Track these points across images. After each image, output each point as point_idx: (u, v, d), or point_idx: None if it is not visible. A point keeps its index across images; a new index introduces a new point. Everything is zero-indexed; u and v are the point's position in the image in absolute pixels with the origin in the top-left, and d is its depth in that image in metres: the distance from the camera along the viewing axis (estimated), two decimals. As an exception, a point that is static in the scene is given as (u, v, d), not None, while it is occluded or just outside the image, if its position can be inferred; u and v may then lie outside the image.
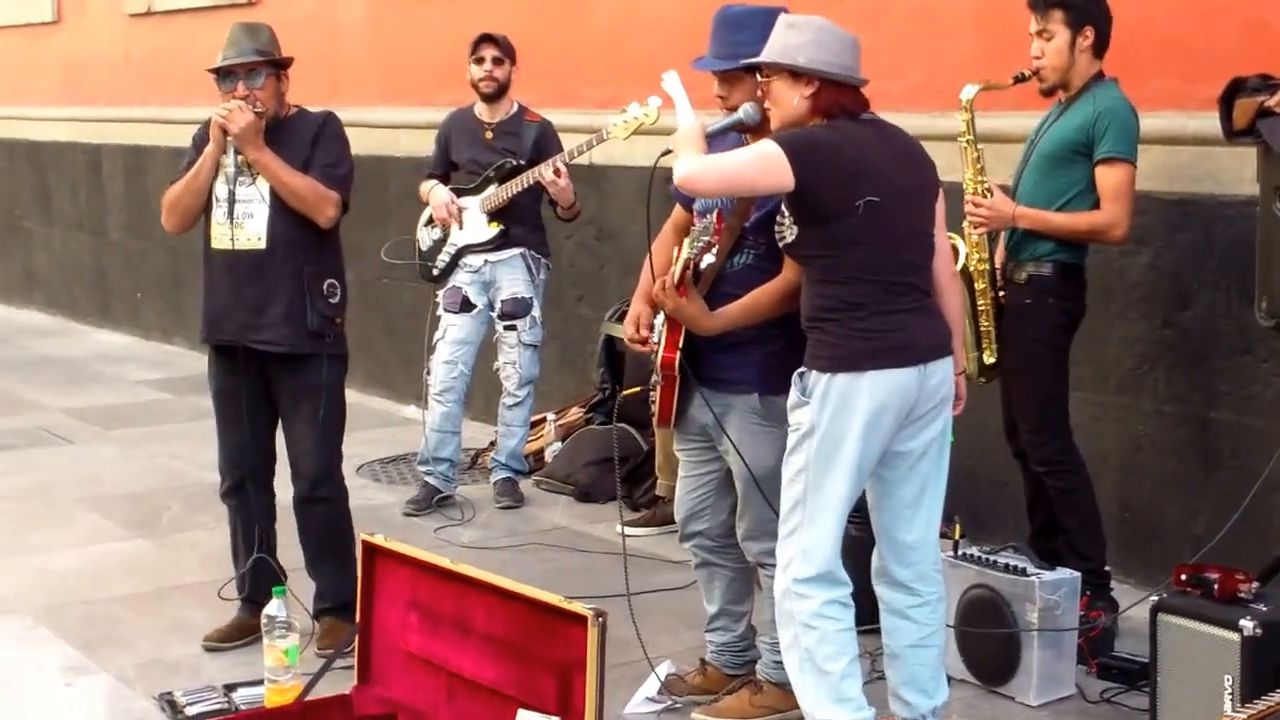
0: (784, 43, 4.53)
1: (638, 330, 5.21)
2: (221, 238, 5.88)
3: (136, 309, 13.70)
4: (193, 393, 10.98)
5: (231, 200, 5.83)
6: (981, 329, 5.84)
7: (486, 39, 7.89)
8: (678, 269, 4.94)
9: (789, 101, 4.54)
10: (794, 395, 4.55)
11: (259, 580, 5.96)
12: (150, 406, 10.89)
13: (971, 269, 5.78)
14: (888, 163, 4.49)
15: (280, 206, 5.82)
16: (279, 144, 5.84)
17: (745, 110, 4.91)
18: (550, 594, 4.47)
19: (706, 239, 4.90)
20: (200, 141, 5.98)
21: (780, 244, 4.57)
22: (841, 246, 4.44)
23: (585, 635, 4.23)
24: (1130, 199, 5.66)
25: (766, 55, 4.56)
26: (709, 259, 4.91)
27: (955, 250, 5.60)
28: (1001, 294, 5.84)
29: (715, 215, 4.93)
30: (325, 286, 5.91)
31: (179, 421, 10.23)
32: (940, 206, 4.69)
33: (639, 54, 8.55)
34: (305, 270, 5.87)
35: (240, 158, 5.82)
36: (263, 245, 5.83)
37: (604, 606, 4.25)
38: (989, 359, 5.87)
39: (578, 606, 4.31)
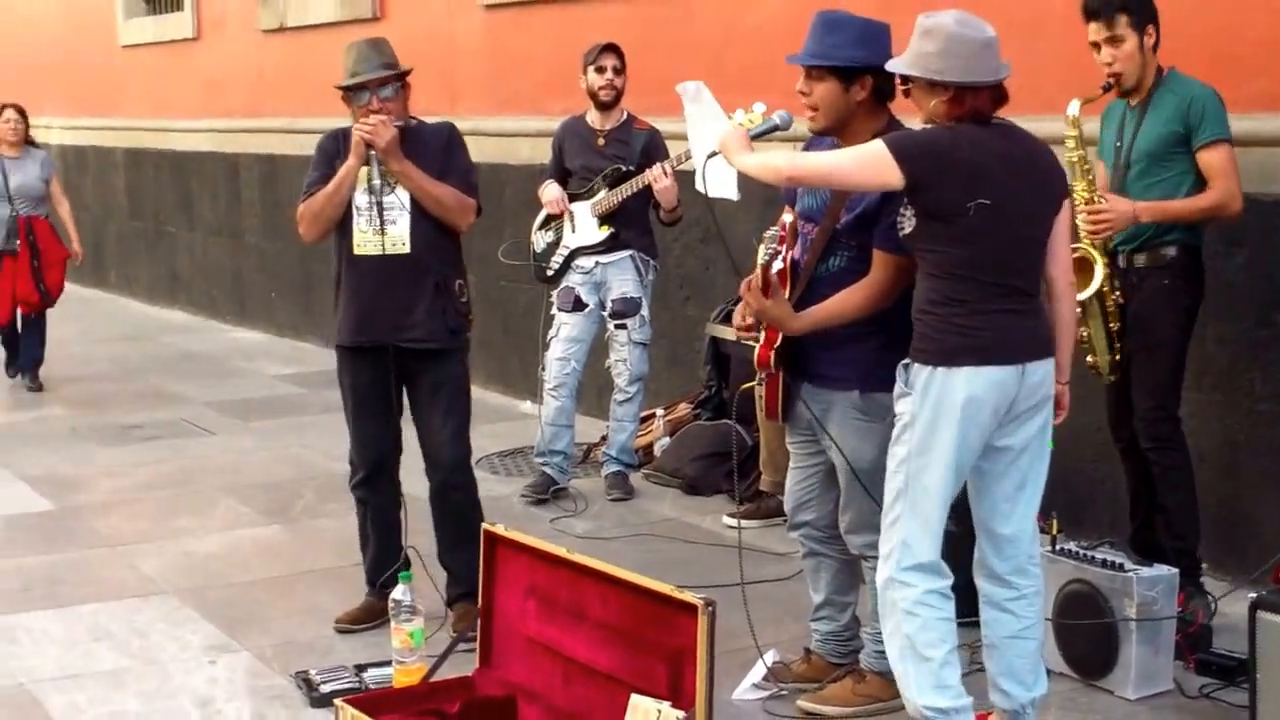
0: (919, 51, 4.46)
1: (744, 319, 5.16)
2: (366, 244, 5.88)
3: (271, 308, 13.79)
4: (323, 387, 11.02)
5: (377, 209, 5.84)
6: (1111, 329, 5.74)
7: (609, 48, 7.87)
8: (758, 273, 4.90)
9: (928, 104, 4.48)
10: (898, 386, 4.50)
11: (386, 567, 5.96)
12: (284, 400, 10.96)
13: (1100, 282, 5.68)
14: (1007, 168, 4.41)
15: (420, 213, 5.82)
16: (411, 154, 5.83)
17: (780, 115, 4.96)
18: (662, 583, 4.44)
19: (774, 245, 4.89)
20: (328, 150, 5.98)
21: (900, 233, 4.51)
22: (950, 244, 4.38)
23: (695, 624, 4.20)
24: (1238, 173, 5.58)
25: (904, 63, 4.50)
26: (778, 264, 4.89)
27: (1091, 269, 5.54)
28: (1119, 294, 5.73)
29: (781, 224, 4.90)
30: (457, 286, 5.95)
31: (311, 414, 10.28)
32: (1064, 216, 4.60)
33: (740, 62, 8.50)
34: (441, 272, 5.89)
35: (383, 169, 5.83)
36: (407, 250, 5.84)
37: (711, 596, 4.21)
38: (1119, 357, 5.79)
39: (688, 595, 4.27)
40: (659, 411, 8.71)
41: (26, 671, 5.74)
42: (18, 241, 11.05)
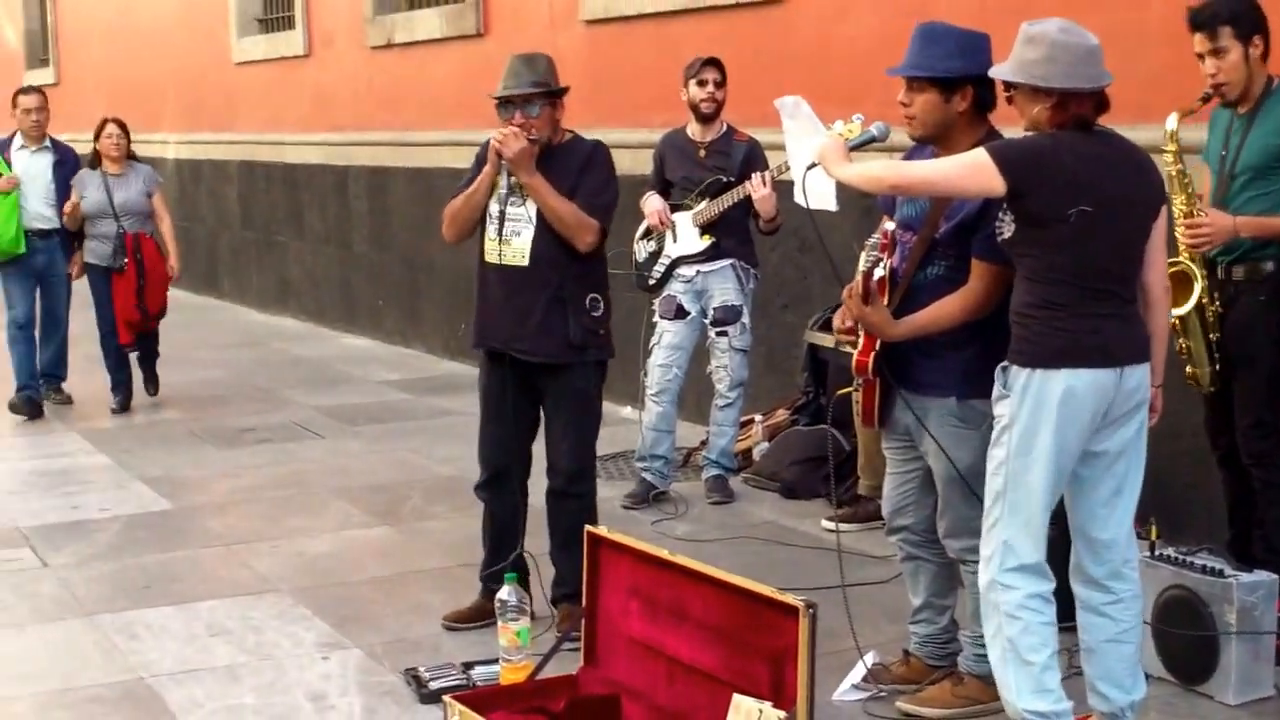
0: (1022, 58, 4.43)
1: (843, 321, 5.13)
2: (492, 252, 5.91)
3: (378, 316, 13.87)
4: (429, 393, 11.12)
5: (502, 219, 5.86)
6: (1211, 339, 5.64)
7: (710, 62, 7.86)
8: (858, 280, 4.87)
9: (1030, 111, 4.45)
10: (997, 389, 4.47)
11: (498, 564, 5.97)
12: (391, 405, 10.99)
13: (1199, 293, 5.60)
14: (1108, 174, 4.37)
15: (545, 227, 5.81)
16: (550, 169, 5.82)
17: (877, 126, 4.93)
18: (763, 585, 4.42)
19: (876, 253, 4.86)
20: (482, 157, 5.99)
21: (998, 238, 4.48)
22: (1051, 249, 4.34)
23: (797, 625, 4.18)
24: None
25: (1007, 69, 4.47)
26: (880, 272, 4.86)
27: (1190, 284, 5.46)
28: (1218, 305, 5.64)
29: (882, 233, 4.87)
30: (588, 301, 5.90)
31: (417, 419, 10.33)
32: (1161, 223, 4.55)
33: (838, 73, 8.47)
34: (567, 286, 5.84)
35: (513, 180, 5.85)
36: (525, 262, 5.83)
37: (810, 598, 4.19)
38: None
39: (789, 597, 4.25)
40: (758, 417, 8.68)
41: (146, 666, 5.80)
42: (125, 259, 10.61)
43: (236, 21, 16.46)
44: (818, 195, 4.97)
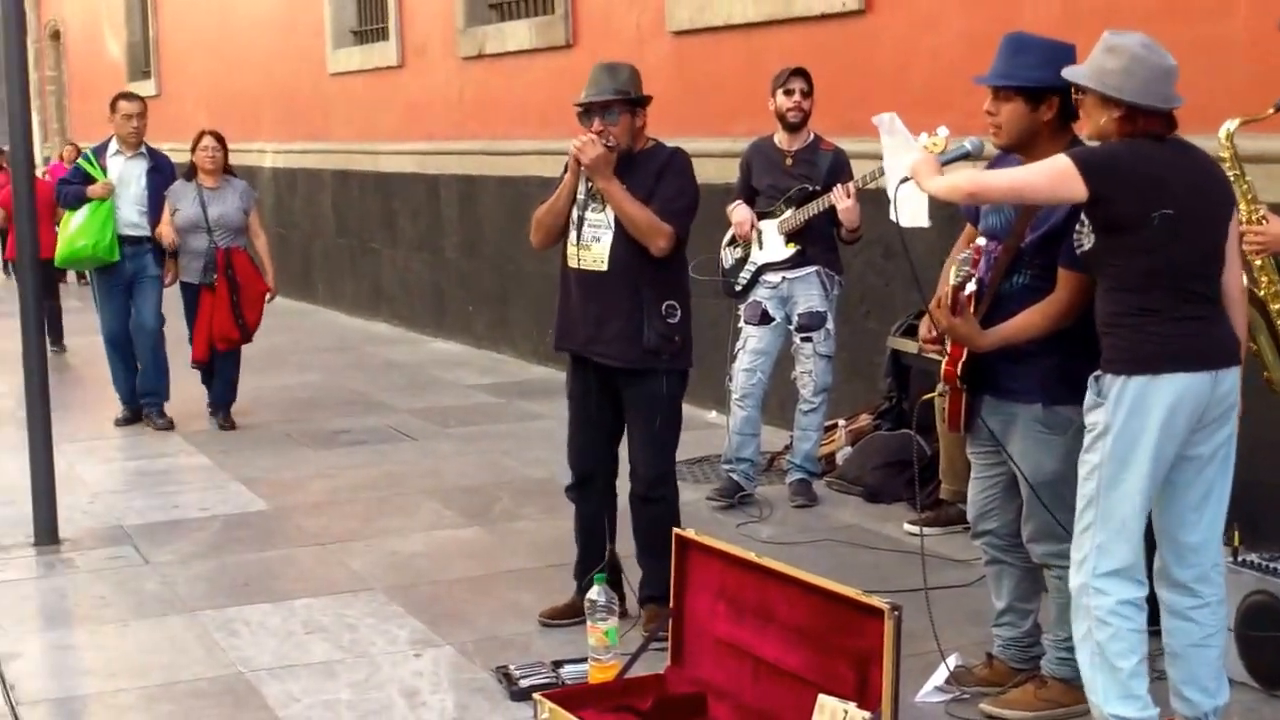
0: (1100, 65, 4.40)
1: (929, 331, 5.12)
2: (572, 257, 5.94)
3: (468, 321, 13.94)
4: (518, 397, 11.17)
5: (581, 224, 5.89)
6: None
7: (797, 72, 7.85)
8: (948, 292, 4.85)
9: (1099, 119, 4.43)
10: (1089, 397, 4.43)
11: (589, 568, 5.96)
12: (482, 408, 11.04)
13: (1263, 294, 5.53)
14: (1184, 179, 4.34)
15: (623, 233, 5.82)
16: (630, 175, 5.83)
17: (971, 141, 4.88)
18: (848, 587, 4.42)
19: (967, 269, 4.83)
20: (566, 163, 6.01)
21: (1078, 250, 4.46)
22: (1137, 255, 4.31)
23: (881, 627, 4.18)
24: None
25: (1083, 73, 4.45)
26: (970, 286, 4.83)
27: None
28: None
29: (974, 249, 4.85)
30: (664, 307, 5.86)
31: (507, 422, 10.37)
32: (1234, 226, 4.52)
33: (922, 84, 8.44)
34: (644, 292, 5.83)
35: (592, 186, 5.87)
36: (604, 267, 5.85)
37: (893, 600, 4.18)
38: None
39: (875, 600, 4.25)
40: (841, 421, 8.66)
41: (245, 661, 5.86)
42: (216, 275, 10.17)
43: (332, 33, 16.58)
44: (910, 213, 4.97)
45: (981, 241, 4.89)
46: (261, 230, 10.65)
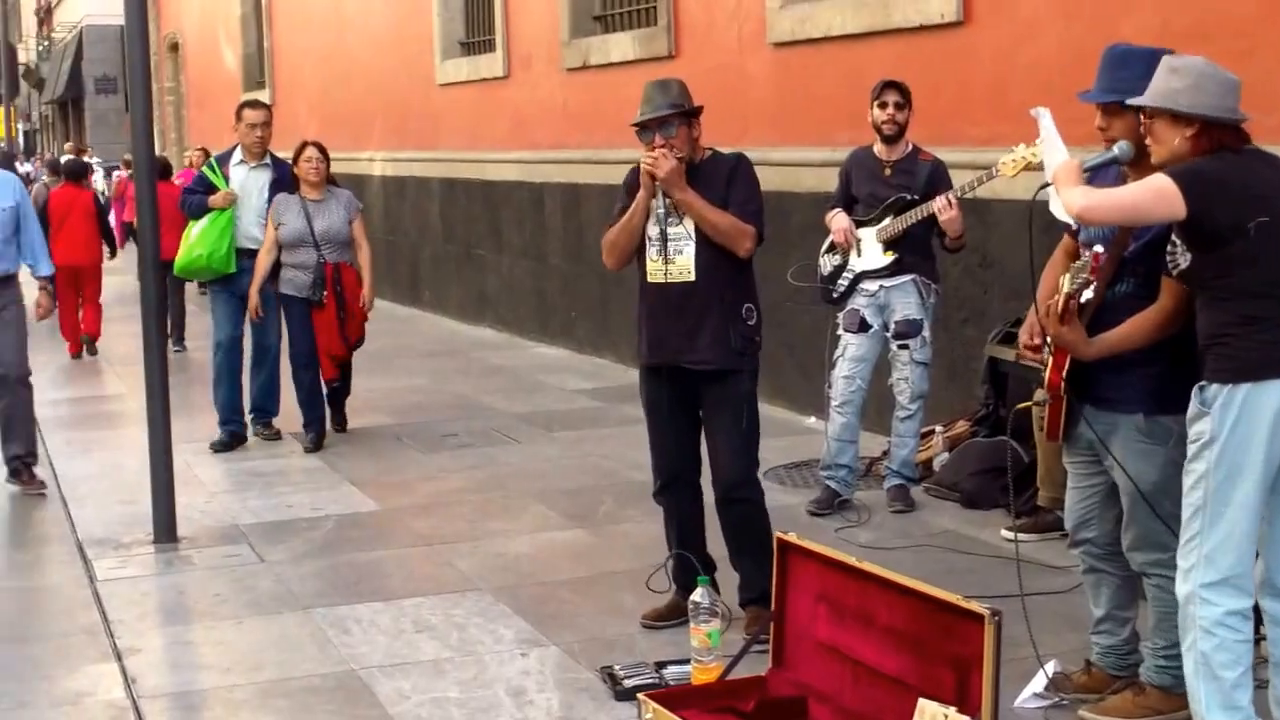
0: (1166, 86, 4.38)
1: (1030, 339, 5.09)
2: (656, 272, 5.94)
3: (571, 326, 13.98)
4: (621, 401, 11.16)
5: (663, 238, 5.89)
6: None
7: (890, 85, 7.82)
8: (1060, 300, 4.80)
9: (1170, 140, 4.39)
10: (1194, 407, 4.38)
11: (687, 569, 5.99)
12: (585, 412, 11.08)
13: None
14: (1273, 186, 4.30)
15: (704, 242, 5.85)
16: (698, 184, 5.86)
17: (1120, 147, 4.77)
18: (948, 592, 4.40)
19: (1085, 275, 4.78)
20: (630, 184, 6.05)
21: (1173, 270, 4.42)
22: (1236, 266, 4.27)
23: (981, 632, 4.16)
24: None
25: (1149, 97, 4.41)
26: (1088, 294, 4.77)
27: None
28: None
29: (1092, 255, 4.79)
30: (744, 310, 5.93)
31: (609, 426, 10.39)
32: None
33: (1020, 96, 8.34)
34: (727, 297, 5.88)
35: (668, 200, 5.89)
36: (692, 277, 5.87)
37: (992, 606, 4.16)
38: None
39: (975, 605, 4.23)
40: (938, 428, 8.61)
41: (357, 659, 5.92)
42: (325, 291, 9.72)
43: (440, 45, 16.70)
44: (1058, 207, 4.92)
45: (1099, 249, 4.83)
46: (365, 241, 10.12)
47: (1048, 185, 4.71)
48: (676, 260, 5.89)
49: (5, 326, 8.78)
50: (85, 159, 18.11)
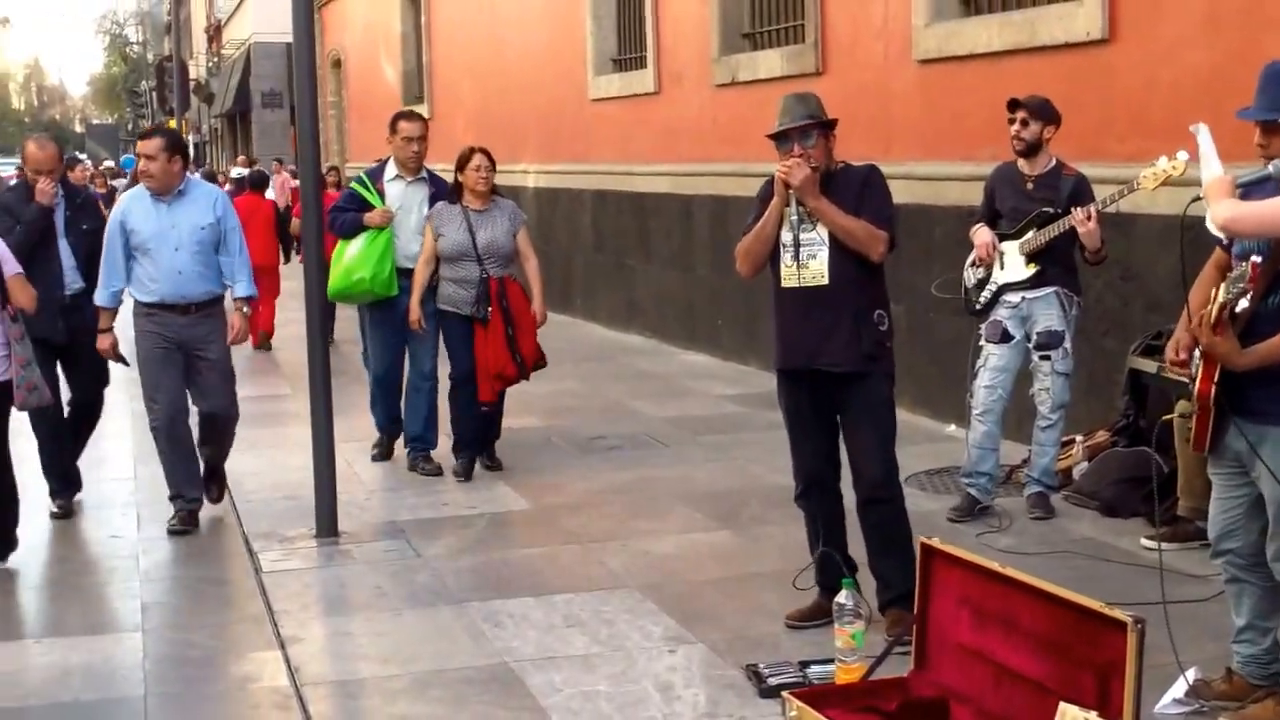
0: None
1: (1177, 354, 5.01)
2: (790, 278, 5.95)
3: (717, 334, 13.99)
4: (765, 407, 11.11)
5: (797, 245, 5.89)
6: None
7: (1013, 103, 7.77)
8: (1214, 309, 4.72)
9: None
10: None
11: (829, 571, 5.97)
12: (730, 418, 11.07)
13: None
14: None
15: (838, 247, 5.85)
16: (830, 194, 5.87)
17: (1275, 165, 4.68)
18: (1091, 599, 4.34)
19: (1242, 285, 4.68)
20: (764, 196, 6.06)
21: None
22: None
23: (1124, 639, 4.10)
24: None
25: (1263, 105, 4.33)
26: (1244, 304, 4.68)
27: None
28: None
29: (1250, 265, 4.70)
30: (875, 316, 5.92)
31: (754, 431, 10.36)
32: None
33: (1163, 112, 8.25)
34: (859, 302, 5.88)
35: (802, 207, 5.88)
36: (825, 282, 5.88)
37: (1132, 613, 4.10)
38: None
39: (1118, 612, 4.17)
40: (1078, 437, 8.50)
41: (510, 651, 5.97)
42: (489, 308, 8.91)
43: (594, 61, 16.80)
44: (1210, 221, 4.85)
45: (1257, 259, 4.75)
46: (533, 253, 9.34)
47: (1198, 199, 4.63)
48: (810, 265, 5.89)
49: (210, 364, 8.10)
50: (261, 170, 19.11)
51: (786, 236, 5.94)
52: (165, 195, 7.93)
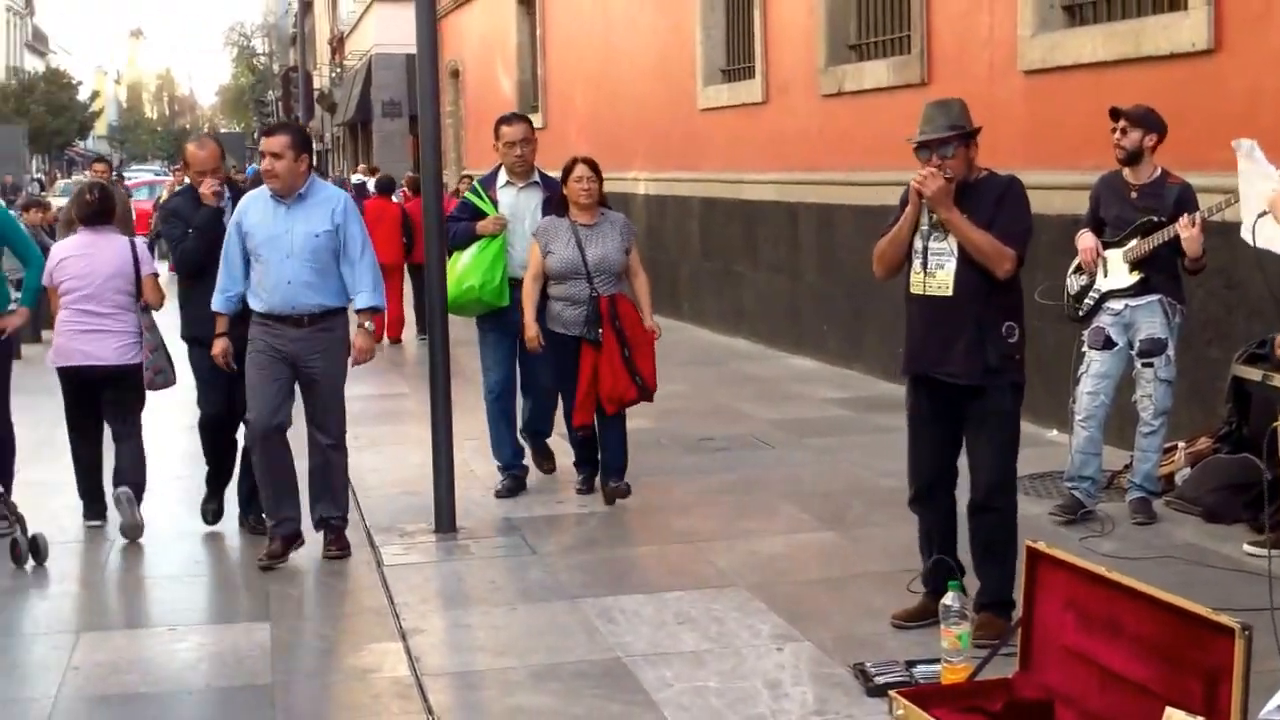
0: None
1: None
2: (917, 285, 5.92)
3: (823, 339, 13.93)
4: (869, 411, 11.11)
5: (926, 253, 5.86)
6: None
7: (1116, 111, 7.69)
8: None
9: None
10: None
11: (939, 574, 5.91)
12: (835, 421, 11.02)
13: None
14: None
15: (966, 259, 5.80)
16: (967, 204, 5.81)
17: None
18: (1197, 604, 4.28)
19: None
20: (904, 200, 6.03)
21: None
22: None
23: (1231, 645, 4.03)
24: None
25: None
26: None
27: None
28: None
29: None
30: (1004, 328, 5.84)
31: (858, 434, 10.32)
32: None
33: (1270, 121, 8.11)
34: (986, 314, 5.81)
35: (934, 217, 5.84)
36: (950, 292, 5.83)
37: (1237, 618, 4.04)
38: None
39: (1224, 618, 4.10)
40: (1181, 444, 8.37)
41: (623, 647, 5.99)
42: (600, 329, 8.22)
43: (703, 72, 16.79)
44: (1267, 238, 4.77)
45: None
46: (642, 270, 8.71)
47: (1265, 214, 4.55)
48: (937, 274, 5.85)
49: (318, 382, 7.42)
50: (390, 175, 19.86)
51: (918, 244, 5.93)
52: (286, 197, 7.30)
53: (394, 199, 18.45)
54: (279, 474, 7.43)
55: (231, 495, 8.23)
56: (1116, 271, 7.72)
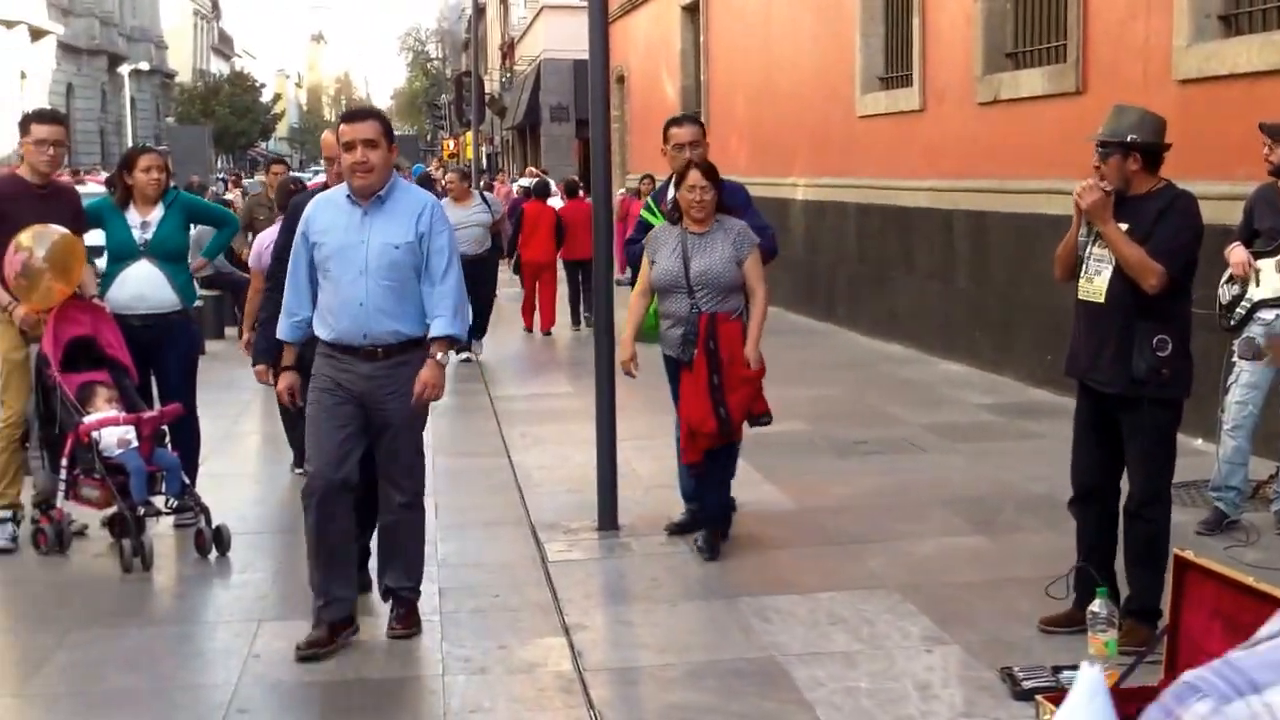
0: None
1: None
2: (1081, 289, 5.95)
3: (974, 345, 13.83)
4: (1020, 416, 11.02)
5: (1086, 259, 5.88)
6: None
7: (1262, 127, 7.57)
8: None
9: None
10: None
11: (1086, 581, 5.89)
12: (986, 426, 10.93)
13: None
14: None
15: (1120, 268, 5.77)
16: (1131, 216, 5.78)
17: None
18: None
19: None
20: None
21: None
22: None
23: (1376, 661, 3.98)
24: None
25: None
26: None
27: None
28: None
29: None
30: (1156, 340, 5.75)
31: (1009, 440, 10.26)
32: None
33: None
34: (1137, 324, 5.75)
35: (1093, 226, 5.85)
36: (1102, 299, 5.82)
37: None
38: None
39: (1370, 635, 4.05)
40: (1333, 455, 8.23)
41: (776, 646, 6.04)
42: (694, 350, 7.18)
43: (861, 80, 16.75)
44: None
45: None
46: (761, 285, 7.33)
47: None
48: (1094, 281, 5.86)
49: (393, 422, 6.11)
50: (546, 179, 20.46)
51: (1083, 250, 5.95)
52: (365, 199, 5.96)
53: (550, 202, 19.05)
54: (336, 539, 6.11)
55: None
56: (1268, 281, 7.60)
